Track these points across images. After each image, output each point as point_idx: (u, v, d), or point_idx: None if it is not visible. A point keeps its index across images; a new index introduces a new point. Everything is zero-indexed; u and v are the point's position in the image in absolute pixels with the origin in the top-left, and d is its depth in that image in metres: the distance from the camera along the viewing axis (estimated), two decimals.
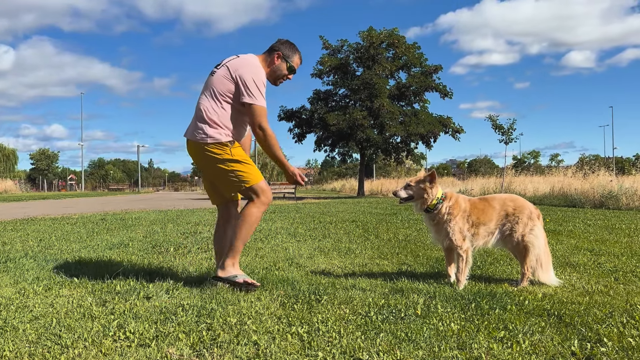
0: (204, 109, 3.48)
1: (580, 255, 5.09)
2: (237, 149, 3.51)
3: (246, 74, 3.42)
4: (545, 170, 25.88)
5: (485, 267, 4.46)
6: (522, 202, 3.82)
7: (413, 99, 28.80)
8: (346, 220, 9.98)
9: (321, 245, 6.07)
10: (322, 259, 5.07)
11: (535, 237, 3.71)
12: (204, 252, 5.63)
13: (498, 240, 3.81)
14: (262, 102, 3.42)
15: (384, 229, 8.00)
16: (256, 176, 3.51)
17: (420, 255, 5.24)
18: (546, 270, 3.75)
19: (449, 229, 3.74)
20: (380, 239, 6.69)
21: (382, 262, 4.85)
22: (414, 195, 3.80)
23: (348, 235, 7.19)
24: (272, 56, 3.65)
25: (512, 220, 3.75)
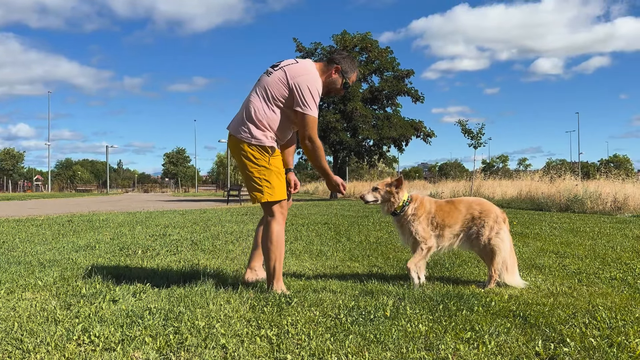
0: (255, 108, 3.44)
1: (545, 258, 5.21)
2: (277, 159, 3.48)
3: (303, 82, 3.38)
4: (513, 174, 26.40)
5: (454, 269, 4.53)
6: (489, 205, 3.89)
7: (385, 103, 29.06)
8: (318, 222, 9.99)
9: (292, 248, 6.06)
10: (294, 262, 5.06)
11: (501, 240, 3.78)
12: (173, 254, 5.56)
13: (464, 243, 3.87)
14: (315, 113, 3.39)
15: (356, 232, 8.03)
16: (281, 192, 3.48)
17: (390, 257, 5.28)
18: (512, 273, 3.83)
19: (412, 228, 3.80)
20: (351, 242, 6.71)
21: (353, 265, 4.87)
22: (381, 198, 3.84)
23: (320, 238, 7.19)
24: (330, 68, 3.60)
25: (478, 223, 3.81)
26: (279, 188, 3.47)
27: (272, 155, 3.44)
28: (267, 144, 3.43)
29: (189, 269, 4.55)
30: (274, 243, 3.47)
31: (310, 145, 3.42)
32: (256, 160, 3.43)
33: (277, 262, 3.49)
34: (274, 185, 3.44)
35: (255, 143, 3.42)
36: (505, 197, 18.25)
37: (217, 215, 12.35)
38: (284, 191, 3.52)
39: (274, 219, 3.49)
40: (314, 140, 3.41)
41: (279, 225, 3.49)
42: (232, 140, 3.55)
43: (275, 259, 3.48)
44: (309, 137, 3.39)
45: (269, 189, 3.44)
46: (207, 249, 6.03)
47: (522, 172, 25.78)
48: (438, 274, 4.33)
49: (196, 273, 4.20)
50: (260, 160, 3.43)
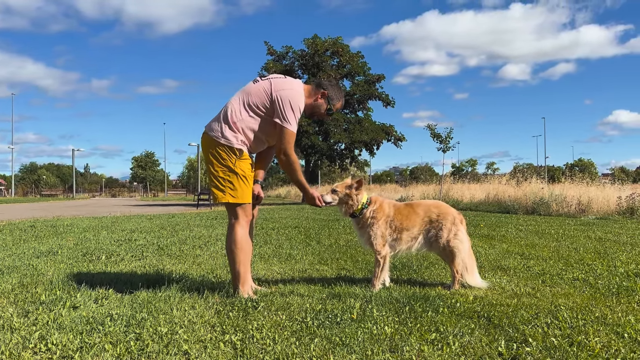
0: (232, 110, 3.46)
1: (511, 259, 5.30)
2: (244, 163, 3.47)
3: (286, 96, 3.40)
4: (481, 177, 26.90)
5: (421, 271, 4.57)
6: (446, 208, 3.94)
7: (357, 107, 29.23)
8: (289, 226, 9.96)
9: (262, 252, 6.02)
10: (262, 266, 5.03)
11: (460, 241, 3.83)
12: (138, 260, 5.46)
13: (422, 245, 3.91)
14: (293, 128, 3.40)
15: (326, 235, 8.04)
16: (246, 196, 3.47)
17: (359, 260, 5.29)
18: (471, 273, 3.88)
19: (371, 232, 3.81)
20: (321, 245, 6.71)
21: (322, 268, 4.87)
22: (339, 200, 3.84)
23: (290, 241, 7.17)
24: (317, 92, 3.63)
25: (436, 226, 3.85)
26: (242, 191, 3.45)
27: (240, 157, 3.42)
28: (236, 145, 3.41)
29: (154, 274, 4.47)
30: (237, 246, 3.44)
31: (285, 159, 3.44)
32: (222, 160, 3.43)
33: (242, 265, 3.46)
34: (236, 188, 3.43)
35: (224, 142, 3.41)
36: (473, 200, 18.55)
37: (186, 220, 12.19)
38: (249, 195, 3.50)
39: (237, 221, 3.48)
40: (289, 155, 3.42)
41: (242, 229, 3.48)
42: (204, 138, 3.55)
43: (240, 262, 3.46)
44: (284, 151, 3.41)
45: (232, 190, 3.43)
46: (173, 254, 5.94)
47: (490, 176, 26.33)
48: (406, 276, 4.35)
49: (161, 278, 4.12)
50: (226, 161, 3.42)
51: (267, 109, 3.43)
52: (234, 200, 3.44)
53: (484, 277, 4.22)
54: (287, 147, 3.40)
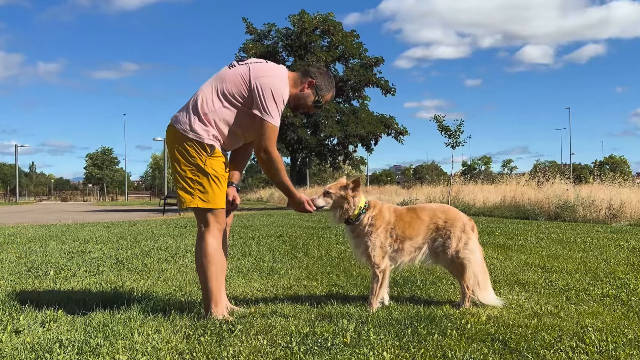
0: (204, 99, 3.45)
1: (530, 273, 5.35)
2: (216, 162, 3.45)
3: (267, 84, 3.39)
4: (496, 177, 27.08)
5: (426, 287, 4.59)
6: (455, 213, 3.97)
7: (351, 95, 29.34)
8: (271, 235, 9.98)
9: (239, 265, 6.02)
10: (240, 282, 5.03)
11: (470, 252, 3.86)
12: (93, 275, 5.44)
13: (427, 257, 3.93)
14: (275, 122, 3.39)
15: (315, 245, 8.06)
16: (218, 200, 3.46)
17: (354, 274, 5.31)
18: (484, 289, 3.91)
19: (369, 242, 3.82)
20: (309, 257, 6.73)
21: (311, 284, 4.88)
22: (333, 203, 3.85)
23: (272, 253, 7.18)
24: (304, 81, 3.63)
25: (443, 234, 3.88)
26: (214, 194, 3.45)
27: (211, 155, 3.42)
28: (206, 140, 3.40)
29: (111, 292, 4.45)
30: (208, 258, 3.43)
31: (265, 158, 3.43)
32: (191, 158, 3.42)
33: (215, 282, 3.46)
34: (207, 190, 3.43)
35: (193, 137, 3.40)
36: (487, 203, 18.68)
37: (150, 228, 12.15)
38: (222, 199, 3.49)
39: (207, 230, 3.47)
40: (270, 153, 3.42)
41: (214, 239, 3.47)
42: (169, 131, 3.54)
43: (211, 278, 3.45)
44: (264, 149, 3.40)
45: (202, 193, 3.43)
46: (135, 268, 5.93)
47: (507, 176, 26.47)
48: (408, 293, 4.37)
49: (120, 297, 4.10)
50: (195, 159, 3.41)
51: (244, 98, 3.43)
52: (204, 205, 3.42)
53: (499, 293, 4.25)
54: (268, 144, 3.40)
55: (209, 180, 3.42)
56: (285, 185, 3.55)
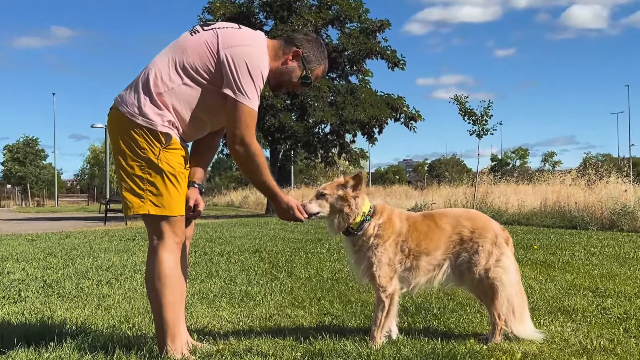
0: (158, 74, 3.43)
1: (578, 297, 5.38)
2: (173, 155, 3.43)
3: (240, 56, 3.37)
4: (535, 175, 27.10)
5: (445, 316, 4.60)
6: (484, 220, 3.99)
7: (349, 70, 29.31)
8: (246, 250, 9.98)
9: (204, 289, 6.02)
10: (205, 310, 5.03)
11: (503, 271, 3.87)
12: (13, 303, 5.42)
13: (449, 277, 3.94)
14: (253, 104, 3.38)
15: (302, 263, 8.06)
16: (176, 205, 3.44)
17: (352, 300, 5.32)
18: (520, 319, 3.91)
19: (373, 258, 3.83)
20: (295, 278, 6.74)
21: (297, 313, 4.88)
22: (329, 208, 3.84)
23: (247, 273, 7.18)
24: (287, 51, 3.63)
25: (469, 247, 3.89)
26: (170, 198, 3.42)
27: (166, 147, 3.39)
28: (160, 128, 3.37)
29: (38, 324, 4.42)
30: (163, 280, 3.41)
31: (243, 151, 3.41)
32: (140, 150, 3.39)
33: (171, 310, 3.44)
34: (161, 192, 3.40)
35: (143, 123, 3.37)
36: (523, 209, 18.74)
37: (88, 242, 12.09)
38: (180, 204, 3.47)
39: (162, 243, 3.45)
40: (248, 144, 3.39)
41: (170, 254, 3.45)
42: (112, 116, 3.52)
43: (167, 306, 3.43)
44: (241, 140, 3.38)
45: (154, 196, 3.40)
46: (68, 293, 5.90)
47: (548, 173, 26.56)
48: (422, 324, 4.38)
49: (49, 331, 4.08)
50: (145, 152, 3.38)
51: (211, 74, 3.42)
52: (157, 211, 3.40)
53: (539, 324, 4.27)
54: (244, 133, 3.38)
55: (164, 179, 3.40)
56: (269, 186, 3.54)
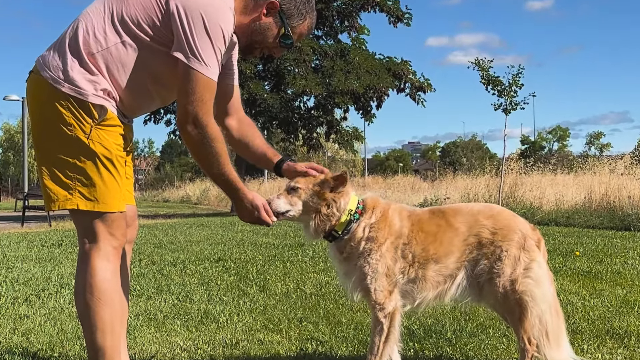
0: (88, 29, 3.38)
1: (632, 317, 5.42)
2: (108, 134, 3.39)
3: (195, 8, 3.33)
4: (577, 162, 27.24)
5: (462, 341, 4.64)
6: (509, 218, 3.99)
7: (338, 26, 29.28)
8: (206, 258, 9.99)
9: (151, 308, 6.04)
10: (152, 335, 5.05)
11: (535, 282, 3.87)
12: None
13: (465, 291, 3.94)
14: (211, 73, 3.35)
15: (278, 275, 8.09)
16: (113, 199, 3.41)
17: (342, 322, 5.35)
18: (556, 343, 3.93)
19: (366, 268, 3.82)
20: (268, 294, 6.77)
21: (271, 338, 4.92)
22: (302, 207, 3.83)
23: (207, 288, 7.21)
24: (261, 2, 3.60)
25: (491, 253, 3.89)
26: (106, 189, 3.40)
27: (101, 123, 3.37)
28: (92, 99, 3.34)
29: None
30: (97, 295, 3.40)
31: (196, 134, 3.38)
32: (66, 127, 3.36)
33: (109, 335, 3.44)
34: (94, 182, 3.37)
35: (70, 92, 3.34)
36: (561, 205, 18.80)
37: (0, 248, 12.07)
38: (118, 197, 3.45)
39: (95, 248, 3.43)
40: (204, 125, 3.37)
41: (107, 263, 3.43)
42: (31, 83, 3.49)
43: (103, 328, 3.42)
44: (194, 119, 3.35)
45: (85, 186, 3.38)
46: None
47: (595, 159, 26.63)
48: (432, 351, 4.42)
49: None
50: (73, 129, 3.35)
51: (157, 30, 3.41)
52: (88, 205, 3.38)
53: (581, 350, 4.31)
54: (199, 110, 3.36)
55: (97, 164, 3.37)
56: (228, 179, 3.52)
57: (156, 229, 16.56)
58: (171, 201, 51.08)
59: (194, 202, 45.88)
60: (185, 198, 50.61)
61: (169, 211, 32.61)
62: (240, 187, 3.56)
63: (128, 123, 3.58)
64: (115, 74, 3.41)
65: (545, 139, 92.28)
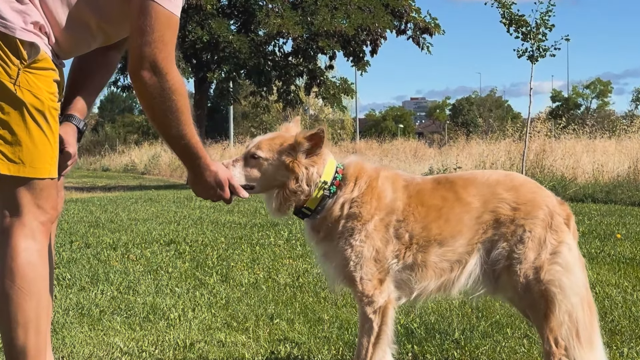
0: None
1: None
2: (40, 79, 3.36)
3: None
4: (621, 125, 27.30)
5: (473, 343, 4.67)
6: (533, 190, 4.00)
7: None
8: (155, 240, 10.03)
9: (85, 301, 6.05)
10: (86, 334, 5.07)
11: (564, 270, 3.88)
12: None
13: (477, 281, 3.95)
14: (173, 6, 3.34)
15: (245, 262, 8.13)
16: (44, 161, 3.39)
17: (324, 319, 5.38)
18: (589, 344, 3.95)
19: (349, 251, 3.82)
20: (233, 285, 6.80)
21: (235, 338, 4.94)
22: (262, 180, 3.82)
23: (154, 276, 7.24)
24: None
25: (510, 234, 3.91)
26: (35, 148, 3.38)
27: (30, 65, 3.36)
28: (20, 34, 3.32)
29: None
30: (18, 283, 3.40)
31: (153, 82, 3.38)
32: None
33: (33, 332, 3.44)
34: (20, 139, 3.36)
35: None
36: (599, 177, 18.87)
37: None
38: (50, 159, 3.44)
39: (18, 222, 3.42)
40: (163, 73, 3.37)
41: (32, 241, 3.43)
42: None
43: (25, 324, 3.43)
44: (152, 63, 3.34)
45: (8, 145, 3.36)
46: None
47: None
48: (436, 355, 4.46)
49: None
50: None
51: None
52: (11, 169, 3.35)
53: (620, 354, 4.34)
54: (158, 53, 3.36)
55: (24, 116, 3.35)
56: (188, 143, 3.51)
57: (92, 205, 16.55)
58: (112, 170, 50.99)
59: (141, 172, 45.82)
60: (129, 166, 50.49)
61: (109, 182, 32.54)
62: (203, 154, 3.53)
63: (61, 66, 3.56)
64: (50, 3, 3.38)
65: (581, 95, 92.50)
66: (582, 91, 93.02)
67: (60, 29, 3.45)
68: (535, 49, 18.46)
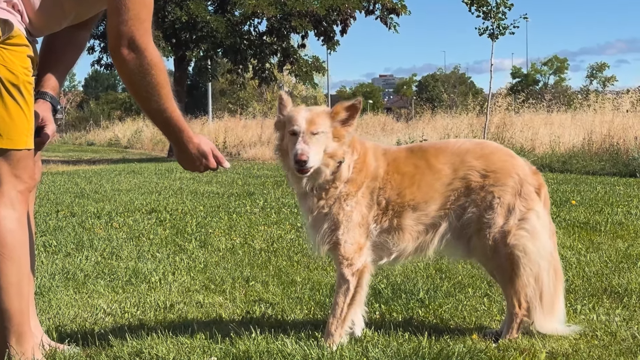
0: None
1: (633, 273, 5.49)
2: (14, 55, 3.33)
3: None
4: (577, 99, 27.33)
5: (436, 302, 4.67)
6: (504, 158, 3.99)
7: None
8: (137, 209, 10.03)
9: (70, 266, 6.04)
10: (71, 297, 5.05)
11: (530, 236, 3.89)
12: None
13: (450, 243, 3.97)
14: None
15: (222, 228, 8.13)
16: (20, 133, 3.36)
17: (297, 281, 5.38)
18: (549, 308, 3.96)
19: (341, 215, 3.83)
20: (210, 250, 6.81)
21: (212, 300, 4.94)
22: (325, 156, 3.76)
23: (137, 243, 7.25)
24: None
25: (480, 200, 3.91)
26: (11, 121, 3.35)
27: (5, 41, 3.32)
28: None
29: None
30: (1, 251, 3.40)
31: (133, 59, 3.36)
32: None
33: (15, 297, 3.43)
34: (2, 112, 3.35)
35: None
36: (557, 148, 18.88)
37: None
38: (26, 132, 3.41)
39: (2, 194, 3.40)
40: (141, 49, 3.35)
41: (11, 210, 3.41)
42: None
43: (8, 289, 3.41)
44: (130, 41, 3.32)
45: None
46: None
47: (597, 96, 26.73)
48: (401, 313, 4.46)
49: None
50: None
51: None
52: None
53: (574, 311, 4.36)
54: (136, 31, 3.33)
55: (1, 91, 3.33)
56: (169, 116, 3.49)
57: (78, 177, 16.49)
58: (97, 144, 50.75)
59: (124, 146, 45.64)
60: (113, 141, 50.32)
61: (94, 156, 32.43)
62: (184, 128, 3.51)
63: (34, 42, 3.53)
64: None
65: (539, 72, 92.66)
66: (541, 68, 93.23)
67: (33, 6, 3.41)
68: (496, 27, 18.49)
